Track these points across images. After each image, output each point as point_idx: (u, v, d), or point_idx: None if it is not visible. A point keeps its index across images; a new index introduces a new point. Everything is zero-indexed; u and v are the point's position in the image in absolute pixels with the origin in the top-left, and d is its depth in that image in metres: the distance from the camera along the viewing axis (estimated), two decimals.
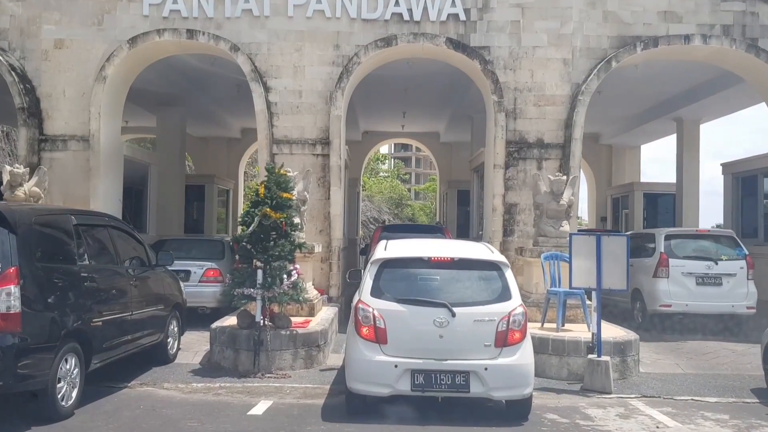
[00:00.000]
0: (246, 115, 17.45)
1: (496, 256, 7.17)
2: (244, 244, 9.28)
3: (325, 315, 11.00)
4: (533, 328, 9.73)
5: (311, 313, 10.81)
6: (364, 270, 7.32)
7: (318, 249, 11.40)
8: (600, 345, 8.75)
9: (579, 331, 9.80)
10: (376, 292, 6.70)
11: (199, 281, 12.65)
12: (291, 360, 9.27)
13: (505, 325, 6.50)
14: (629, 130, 21.70)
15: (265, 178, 9.50)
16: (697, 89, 17.18)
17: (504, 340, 6.49)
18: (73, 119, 13.23)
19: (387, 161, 74.87)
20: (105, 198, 13.00)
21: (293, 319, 9.96)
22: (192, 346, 10.87)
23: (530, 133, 13.21)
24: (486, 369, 6.39)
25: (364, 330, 6.56)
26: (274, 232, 9.37)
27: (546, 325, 10.19)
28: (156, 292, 9.28)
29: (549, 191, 11.15)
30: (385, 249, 7.22)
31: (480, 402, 6.99)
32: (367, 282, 6.82)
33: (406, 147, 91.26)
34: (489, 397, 6.57)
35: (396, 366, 6.40)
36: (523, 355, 6.62)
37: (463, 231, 20.39)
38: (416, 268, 6.92)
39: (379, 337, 6.50)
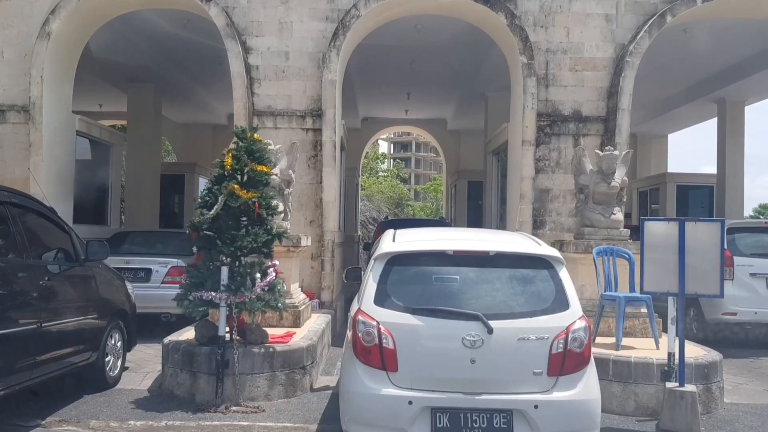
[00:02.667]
0: (232, 98, 15.16)
1: (546, 249, 5.15)
2: (204, 232, 6.98)
3: (315, 325, 8.70)
4: None
5: (296, 322, 8.51)
6: (366, 269, 5.43)
7: (306, 242, 9.10)
8: (683, 370, 6.46)
9: (644, 349, 7.51)
10: (381, 299, 4.79)
11: (162, 282, 10.33)
12: (266, 387, 6.97)
13: (561, 345, 4.61)
14: (658, 116, 19.45)
15: (234, 146, 7.20)
16: (744, 65, 14.96)
17: (560, 365, 4.61)
18: (14, 86, 10.95)
19: (386, 161, 73.77)
20: (49, 181, 10.69)
21: (271, 331, 7.67)
22: (145, 365, 8.57)
23: (565, 104, 10.92)
24: (536, 407, 4.54)
25: (366, 352, 4.68)
26: (245, 218, 7.08)
27: (599, 339, 7.89)
28: (86, 296, 6.98)
29: (597, 170, 8.85)
30: (394, 240, 5.29)
31: None
32: (370, 285, 4.89)
33: (405, 147, 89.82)
34: None
35: (410, 402, 4.55)
36: (587, 388, 4.69)
37: (475, 227, 18.10)
38: (436, 265, 4.95)
39: (386, 361, 4.63)
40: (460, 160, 21.44)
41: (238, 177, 7.02)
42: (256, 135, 7.24)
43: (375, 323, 4.68)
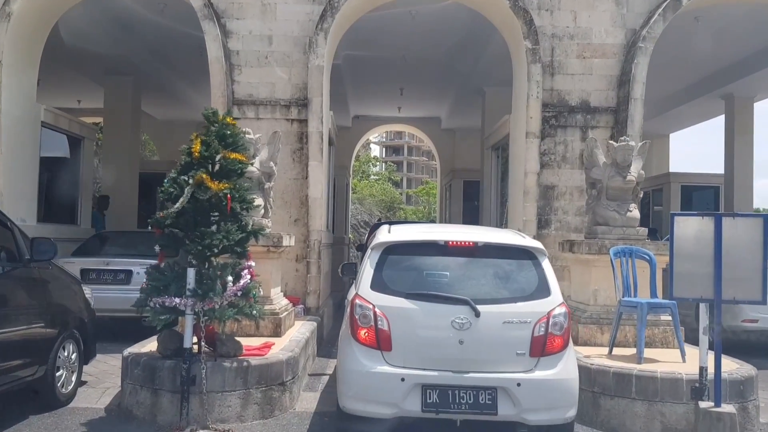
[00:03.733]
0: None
1: (530, 241, 5.64)
2: (168, 229, 6.08)
3: (298, 335, 7.79)
4: (598, 356, 6.67)
5: (276, 331, 7.61)
6: (362, 259, 5.80)
7: (289, 242, 8.20)
8: (720, 387, 5.60)
9: (670, 362, 6.67)
10: (378, 285, 5.24)
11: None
12: (239, 407, 6.06)
13: (543, 329, 5.07)
14: (660, 114, 18.63)
15: (204, 130, 6.30)
16: (753, 59, 14.17)
17: (542, 347, 5.07)
18: None
19: (378, 164, 73.24)
20: (9, 175, 9.75)
21: (247, 341, 6.77)
22: (107, 379, 7.66)
23: (572, 94, 10.08)
24: (519, 385, 4.99)
25: (363, 333, 5.13)
26: (216, 213, 6.19)
27: (616, 350, 7.03)
28: (32, 302, 6.07)
29: (611, 163, 8.01)
30: (390, 232, 5.74)
31: (509, 427, 5.38)
32: (367, 272, 5.32)
33: (398, 150, 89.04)
34: (521, 421, 5.08)
35: (403, 379, 5.01)
36: (566, 368, 5.16)
37: None
38: (429, 255, 5.43)
39: (381, 342, 5.09)
40: (455, 159, 20.55)
41: (209, 166, 6.12)
42: (229, 118, 6.34)
43: (371, 306, 5.08)
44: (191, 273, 5.93)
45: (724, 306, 9.87)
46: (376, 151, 80.00)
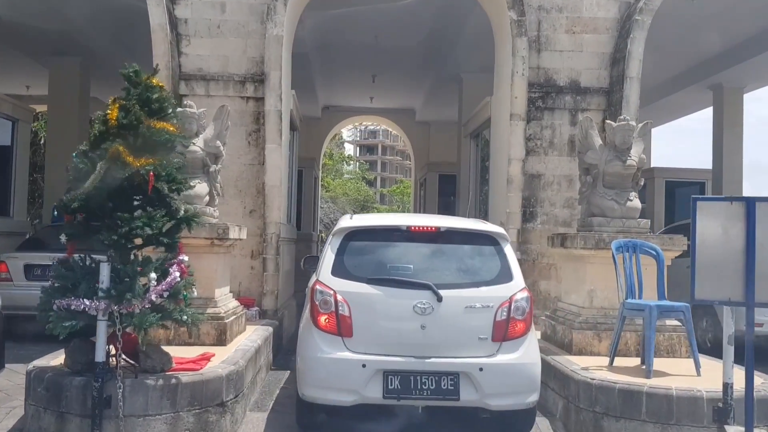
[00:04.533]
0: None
1: (493, 227, 5.68)
2: (76, 215, 4.92)
3: (247, 342, 6.66)
4: (598, 368, 5.68)
5: (221, 339, 6.47)
6: (324, 245, 5.66)
7: (237, 234, 7.06)
8: (752, 408, 4.61)
9: (682, 375, 5.67)
10: (339, 271, 5.17)
11: None
12: None
13: (505, 313, 5.03)
14: (644, 106, 17.76)
15: (123, 93, 5.14)
16: (744, 47, 13.39)
17: (504, 332, 5.03)
18: None
19: (352, 163, 72.57)
20: None
21: (181, 352, 5.64)
22: (19, 394, 6.41)
23: (560, 73, 9.08)
24: (481, 369, 4.93)
25: (323, 319, 5.05)
26: (138, 196, 5.04)
27: (619, 361, 6.02)
28: None
29: (609, 145, 7.02)
30: (351, 218, 5.66)
31: (471, 414, 5.32)
32: (328, 257, 5.26)
33: (372, 150, 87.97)
34: (483, 407, 5.02)
35: (364, 366, 4.92)
36: (528, 352, 5.12)
37: None
38: (391, 241, 5.40)
39: (342, 328, 5.01)
40: (431, 153, 19.52)
41: (129, 137, 4.96)
42: (155, 79, 5.18)
43: (332, 292, 4.99)
44: (104, 269, 4.77)
45: (724, 307, 9.08)
46: (350, 149, 79.20)
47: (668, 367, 5.88)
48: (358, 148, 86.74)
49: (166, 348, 5.96)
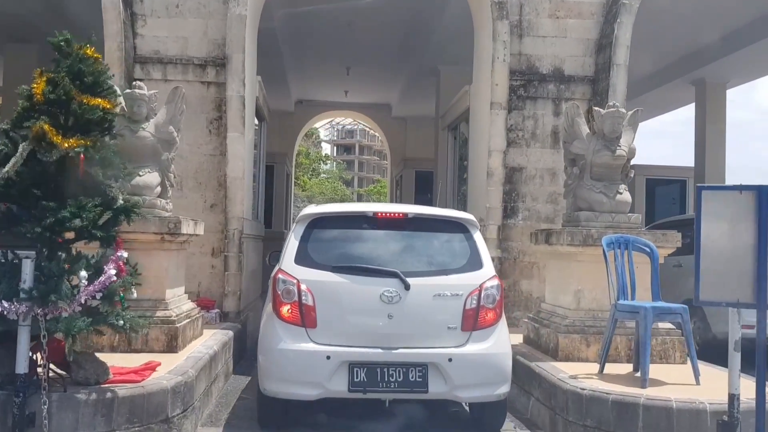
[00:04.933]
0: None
1: (462, 213, 5.48)
2: None
3: (201, 349, 6.02)
4: (587, 377, 5.17)
5: (171, 345, 5.83)
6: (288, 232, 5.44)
7: (192, 229, 6.42)
8: (763, 421, 4.10)
9: (679, 384, 5.17)
10: (302, 259, 4.90)
11: None
12: None
13: (475, 302, 4.82)
14: (626, 101, 17.43)
15: (54, 63, 4.50)
16: (727, 40, 13.07)
17: (474, 321, 4.81)
18: None
19: (329, 163, 72.20)
20: None
21: (123, 360, 4.99)
22: None
23: (543, 60, 8.57)
24: (450, 360, 4.71)
25: (286, 309, 4.78)
26: (70, 182, 4.39)
27: (609, 368, 5.50)
28: None
29: (597, 134, 6.51)
30: (317, 206, 5.66)
31: (440, 406, 5.31)
32: (291, 245, 4.99)
33: (349, 149, 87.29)
34: (453, 399, 4.89)
35: (328, 358, 4.67)
36: (499, 342, 4.90)
37: None
38: (357, 228, 5.12)
39: (305, 318, 4.75)
40: (407, 148, 18.95)
41: (59, 117, 4.32)
42: (89, 49, 4.54)
43: (295, 281, 4.79)
44: (26, 266, 4.12)
45: (715, 310, 8.65)
46: (327, 149, 78.82)
47: (663, 375, 5.38)
48: (335, 148, 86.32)
49: (109, 356, 5.36)
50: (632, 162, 6.66)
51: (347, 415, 5.27)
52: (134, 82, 6.32)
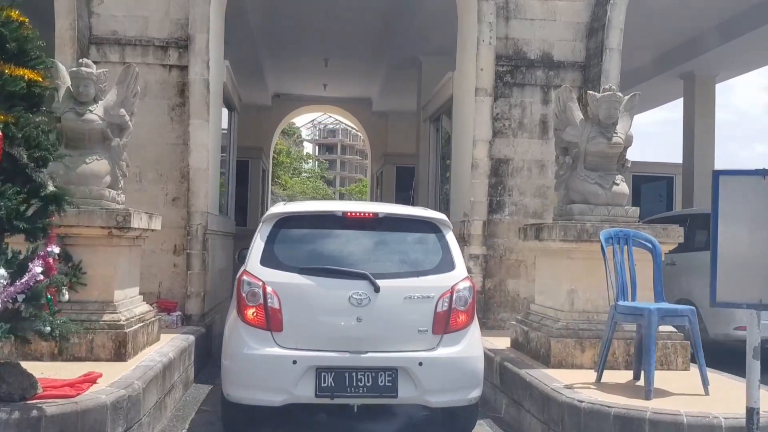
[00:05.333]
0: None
1: (434, 213, 5.22)
2: None
3: (154, 357, 5.40)
4: (583, 386, 4.63)
5: (119, 353, 5.20)
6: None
7: (146, 224, 5.79)
8: None
9: (685, 393, 4.64)
10: (268, 260, 4.70)
11: None
12: None
13: (446, 304, 4.66)
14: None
15: None
16: (717, 31, 12.67)
17: (445, 323, 4.65)
18: None
19: (311, 162, 71.77)
20: None
21: (64, 371, 4.37)
22: None
23: (531, 44, 8.03)
24: (421, 364, 4.55)
25: (250, 312, 4.59)
26: None
27: (606, 377, 4.96)
28: None
29: (591, 120, 5.98)
30: (284, 205, 5.24)
31: (410, 412, 5.10)
32: (257, 246, 4.78)
33: (331, 149, 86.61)
34: (423, 404, 4.68)
35: (295, 362, 4.49)
36: (470, 345, 4.73)
37: None
38: (326, 228, 4.92)
39: (271, 321, 4.56)
40: (388, 143, 18.38)
41: None
42: (13, 12, 3.90)
43: (260, 283, 4.63)
44: None
45: (713, 311, 8.18)
46: (309, 148, 78.43)
47: (666, 383, 4.86)
48: (317, 147, 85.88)
49: (48, 365, 4.77)
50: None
51: (314, 421, 5.10)
52: (81, 59, 5.68)
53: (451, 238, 4.97)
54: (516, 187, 7.94)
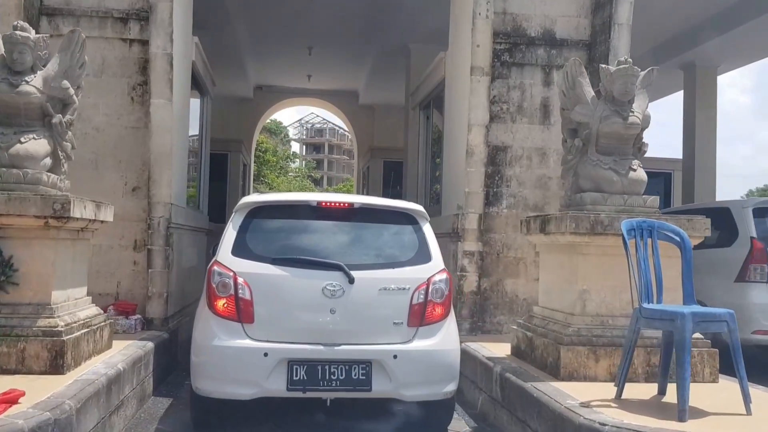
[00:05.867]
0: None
1: (409, 204, 5.08)
2: None
3: (100, 369, 4.61)
4: (602, 404, 3.94)
5: (56, 364, 4.42)
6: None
7: (92, 213, 5.00)
8: None
9: (723, 413, 3.93)
10: (240, 251, 4.60)
11: None
12: None
13: (422, 296, 4.59)
14: None
15: None
16: (718, 20, 12.07)
17: (421, 316, 4.57)
18: None
19: (297, 161, 71.32)
20: None
21: None
22: None
23: (531, 20, 7.32)
24: (395, 357, 4.46)
25: (221, 303, 4.47)
26: None
27: (629, 389, 4.24)
28: None
29: (605, 97, 5.27)
30: (258, 195, 5.24)
31: (384, 406, 5.08)
32: (229, 235, 4.68)
33: (318, 148, 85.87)
34: (398, 398, 4.58)
35: (266, 355, 4.38)
36: (446, 338, 4.66)
37: None
38: (300, 218, 4.77)
39: (242, 313, 4.45)
40: (375, 137, 17.62)
41: None
42: None
43: (231, 273, 4.53)
44: None
45: None
46: (296, 147, 77.95)
47: (697, 399, 4.12)
48: (304, 147, 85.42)
49: None
50: None
51: (285, 416, 5.00)
52: (16, 22, 4.89)
53: (428, 229, 4.88)
54: (515, 177, 7.22)
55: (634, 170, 5.21)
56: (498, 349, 6.01)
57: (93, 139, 6.71)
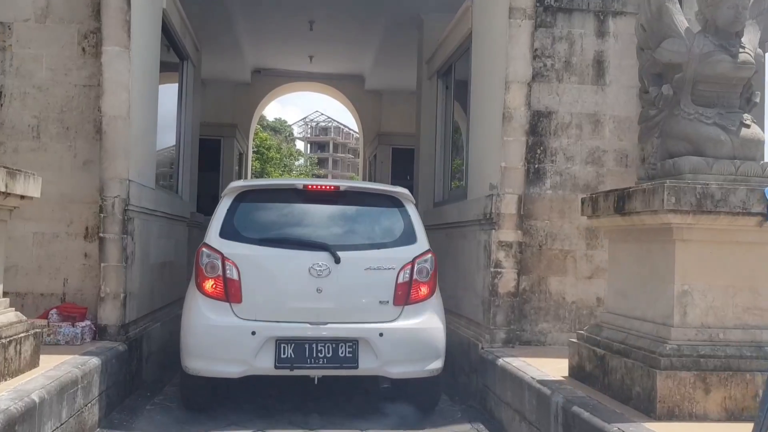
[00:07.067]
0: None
1: (396, 187, 5.26)
2: None
3: (3, 400, 3.22)
4: None
5: None
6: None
7: (6, 186, 3.61)
8: None
9: None
10: (228, 233, 4.80)
11: None
12: None
13: (407, 275, 4.82)
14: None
15: None
16: None
17: (406, 295, 4.81)
18: None
19: (302, 158, 70.94)
20: None
21: None
22: None
23: None
24: (381, 335, 4.69)
25: (209, 284, 4.70)
26: None
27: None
28: None
29: (706, 29, 3.87)
30: (246, 180, 6.04)
31: (370, 383, 5.30)
32: (217, 218, 4.85)
33: (323, 147, 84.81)
34: (384, 375, 4.79)
35: (254, 333, 4.58)
36: (432, 317, 4.90)
37: None
38: (287, 201, 5.09)
39: (230, 293, 4.67)
40: (382, 123, 16.24)
41: None
42: None
43: (219, 255, 4.70)
44: None
45: None
46: (300, 146, 77.54)
47: None
48: (309, 145, 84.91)
49: None
50: None
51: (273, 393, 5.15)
52: None
53: (413, 211, 5.06)
54: (561, 150, 5.80)
55: (747, 126, 3.81)
56: (548, 367, 4.63)
57: (34, 99, 5.34)
